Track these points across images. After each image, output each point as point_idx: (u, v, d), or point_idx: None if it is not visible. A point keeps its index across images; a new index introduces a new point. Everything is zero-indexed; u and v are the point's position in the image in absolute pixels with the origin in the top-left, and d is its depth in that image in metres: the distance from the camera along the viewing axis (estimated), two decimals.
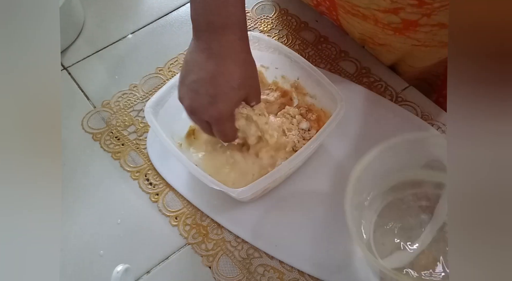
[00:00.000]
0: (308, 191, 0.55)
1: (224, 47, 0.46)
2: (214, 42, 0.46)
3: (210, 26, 0.46)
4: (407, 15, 0.52)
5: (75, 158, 0.60)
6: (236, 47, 0.46)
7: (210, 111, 0.46)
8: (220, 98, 0.45)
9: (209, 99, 0.45)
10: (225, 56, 0.46)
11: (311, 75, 0.55)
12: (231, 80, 0.46)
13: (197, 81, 0.46)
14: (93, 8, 0.75)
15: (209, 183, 0.49)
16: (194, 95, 0.46)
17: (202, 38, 0.46)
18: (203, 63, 0.46)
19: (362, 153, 0.56)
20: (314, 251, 0.51)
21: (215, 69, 0.45)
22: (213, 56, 0.46)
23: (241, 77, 0.46)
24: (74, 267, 0.52)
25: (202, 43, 0.46)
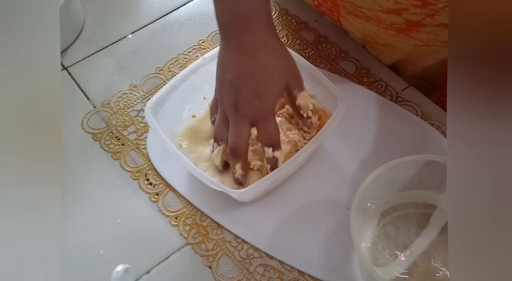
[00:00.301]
0: (308, 191, 0.55)
1: (255, 40, 0.46)
2: (244, 36, 0.46)
3: (237, 21, 0.46)
4: (410, 15, 0.52)
5: (75, 158, 0.60)
6: (267, 38, 0.46)
7: (256, 105, 0.45)
8: (263, 92, 0.45)
9: (252, 94, 0.45)
10: (258, 49, 0.46)
11: (311, 75, 0.55)
12: (269, 71, 0.45)
13: (236, 78, 0.46)
14: (93, 8, 0.75)
15: (209, 184, 0.49)
16: (237, 92, 0.46)
17: (231, 35, 0.46)
18: (237, 61, 0.46)
19: (362, 153, 0.57)
20: (314, 251, 0.51)
21: (250, 63, 0.45)
22: (246, 51, 0.45)
23: (278, 66, 0.46)
24: (74, 267, 0.52)
25: (232, 41, 0.46)
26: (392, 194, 0.50)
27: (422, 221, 0.50)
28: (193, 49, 0.69)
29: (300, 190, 0.55)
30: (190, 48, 0.69)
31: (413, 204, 0.51)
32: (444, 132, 0.58)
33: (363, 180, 0.46)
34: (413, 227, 0.50)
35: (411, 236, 0.49)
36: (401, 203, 0.51)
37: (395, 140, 0.57)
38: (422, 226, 0.50)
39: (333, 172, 0.56)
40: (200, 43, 0.69)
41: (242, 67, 0.46)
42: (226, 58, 0.47)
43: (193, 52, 0.69)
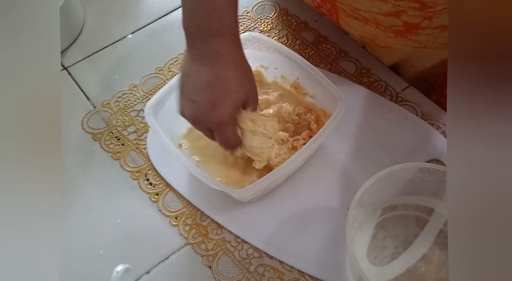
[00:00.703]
0: (308, 191, 0.55)
1: (218, 52, 0.45)
2: (207, 48, 0.45)
3: (202, 32, 0.45)
4: (408, 18, 0.52)
5: (75, 158, 0.60)
6: (230, 52, 0.46)
7: (211, 117, 0.45)
8: (219, 103, 0.45)
9: (208, 106, 0.45)
10: (220, 61, 0.45)
11: (311, 75, 0.55)
12: (228, 84, 0.45)
13: (194, 89, 0.46)
14: (93, 8, 0.75)
15: (209, 183, 0.49)
16: (193, 104, 0.46)
17: (195, 46, 0.46)
18: (198, 71, 0.46)
19: (362, 153, 0.57)
20: (314, 251, 0.51)
21: (210, 75, 0.45)
22: (207, 63, 0.45)
23: (238, 81, 0.46)
24: (74, 267, 0.52)
25: (195, 51, 0.46)
26: (391, 197, 0.51)
27: (421, 222, 0.50)
28: None
29: (300, 190, 0.55)
30: None
31: (412, 206, 0.51)
32: (444, 132, 0.58)
33: (363, 181, 0.46)
34: (412, 228, 0.50)
35: (410, 237, 0.50)
36: (401, 204, 0.51)
37: (395, 140, 0.57)
38: (421, 227, 0.50)
39: (333, 172, 0.56)
40: None
41: (202, 78, 0.45)
42: (188, 68, 0.47)
43: None
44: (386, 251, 0.49)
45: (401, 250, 0.49)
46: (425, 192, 0.49)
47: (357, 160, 0.57)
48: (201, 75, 0.45)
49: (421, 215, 0.51)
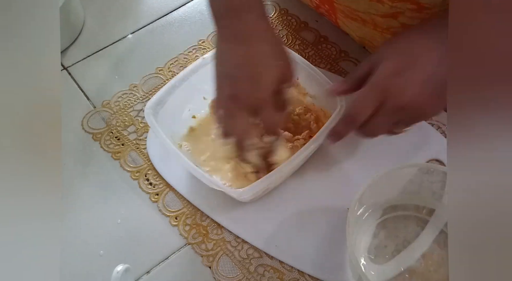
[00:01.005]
0: (308, 191, 0.55)
1: (249, 28, 0.45)
2: (237, 26, 0.45)
3: (230, 10, 0.45)
4: (406, 19, 0.52)
5: (75, 158, 0.60)
6: (260, 26, 0.46)
7: (255, 93, 0.44)
8: (261, 78, 0.44)
9: (250, 82, 0.44)
10: (252, 37, 0.45)
11: (311, 75, 0.55)
12: (265, 58, 0.45)
13: (233, 67, 0.45)
14: (93, 8, 0.75)
15: (209, 183, 0.49)
16: (233, 82, 0.45)
17: (224, 25, 0.46)
18: (233, 50, 0.45)
19: (361, 153, 0.57)
20: (314, 251, 0.51)
21: (246, 52, 0.44)
22: (241, 40, 0.45)
23: (273, 54, 0.45)
24: (74, 267, 0.52)
25: (226, 31, 0.46)
26: (391, 197, 0.51)
27: (421, 222, 0.50)
28: (193, 49, 0.69)
29: (300, 190, 0.55)
30: (190, 48, 0.69)
31: (412, 206, 0.51)
32: (444, 132, 0.58)
33: (363, 181, 0.46)
34: (412, 228, 0.50)
35: (410, 236, 0.50)
36: (401, 204, 0.51)
37: (394, 140, 0.57)
38: (421, 227, 0.50)
39: (332, 172, 0.56)
40: (200, 43, 0.69)
41: (237, 56, 0.45)
42: (221, 49, 0.46)
43: (193, 52, 0.69)
44: (387, 251, 0.49)
45: (401, 249, 0.49)
46: (425, 192, 0.49)
47: (357, 160, 0.57)
48: (237, 53, 0.45)
49: (421, 215, 0.51)
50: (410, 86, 0.41)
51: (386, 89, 0.41)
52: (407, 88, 0.41)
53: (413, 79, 0.40)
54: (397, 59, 0.41)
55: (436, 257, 0.48)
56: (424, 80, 0.40)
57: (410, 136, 0.57)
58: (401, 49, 0.42)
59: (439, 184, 0.48)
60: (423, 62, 0.40)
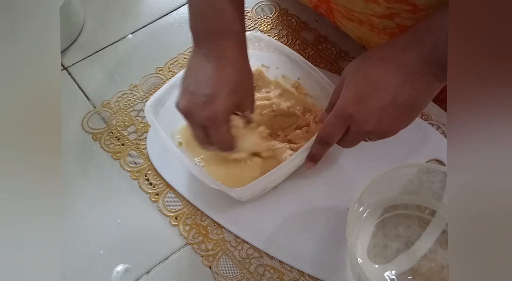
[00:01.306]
0: (308, 191, 0.55)
1: (224, 52, 0.46)
2: (213, 47, 0.46)
3: (210, 34, 0.46)
4: (402, 20, 0.52)
5: (75, 158, 0.60)
6: (235, 53, 0.47)
7: (206, 111, 0.45)
8: (216, 99, 0.45)
9: (204, 99, 0.45)
10: (224, 60, 0.46)
11: (311, 75, 0.55)
12: (228, 82, 0.45)
13: (194, 82, 0.46)
14: (93, 8, 0.75)
15: (208, 183, 0.49)
16: (191, 96, 0.46)
17: (202, 44, 0.47)
18: (201, 66, 0.46)
19: (362, 153, 0.57)
20: (314, 251, 0.51)
21: (213, 71, 0.45)
22: (212, 60, 0.46)
23: (238, 81, 0.46)
24: (74, 267, 0.52)
25: (202, 49, 0.47)
26: (391, 197, 0.51)
27: (422, 222, 0.50)
28: None
29: (300, 190, 0.55)
30: (190, 48, 0.69)
31: (412, 206, 0.51)
32: (444, 132, 0.58)
33: (363, 180, 0.46)
34: (413, 228, 0.50)
35: (411, 236, 0.50)
36: (401, 204, 0.51)
37: (394, 140, 0.57)
38: (422, 227, 0.50)
39: (333, 172, 0.56)
40: None
41: (204, 73, 0.46)
42: (193, 63, 0.47)
43: None
44: (387, 250, 0.49)
45: (402, 249, 0.49)
46: (425, 192, 0.49)
47: (357, 160, 0.57)
48: (204, 70, 0.46)
49: (422, 215, 0.51)
50: (370, 114, 0.43)
51: (349, 116, 0.44)
52: (368, 116, 0.43)
53: (373, 107, 0.43)
54: (357, 87, 0.44)
55: (438, 258, 0.48)
56: (383, 106, 0.43)
57: (410, 136, 0.57)
58: (361, 78, 0.44)
59: (439, 184, 0.48)
60: (382, 90, 0.42)
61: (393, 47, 0.43)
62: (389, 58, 0.43)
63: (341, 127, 0.45)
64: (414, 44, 0.42)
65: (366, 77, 0.43)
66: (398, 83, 0.42)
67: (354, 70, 0.45)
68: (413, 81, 0.42)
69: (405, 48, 0.42)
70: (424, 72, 0.42)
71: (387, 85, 0.42)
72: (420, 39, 0.42)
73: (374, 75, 0.43)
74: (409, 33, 0.43)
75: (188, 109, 0.46)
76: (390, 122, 0.44)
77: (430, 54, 0.41)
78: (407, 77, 0.42)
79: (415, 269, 0.47)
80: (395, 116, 0.43)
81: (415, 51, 0.41)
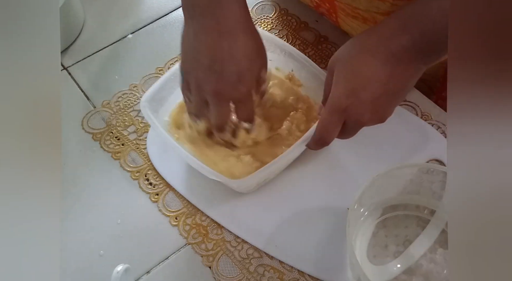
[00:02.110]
0: (308, 191, 0.55)
1: (232, 20, 0.45)
2: (221, 17, 0.45)
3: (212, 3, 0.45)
4: None
5: (75, 158, 0.60)
6: (243, 20, 0.46)
7: (240, 88, 0.45)
8: (245, 74, 0.45)
9: (235, 77, 0.45)
10: (236, 30, 0.45)
11: (312, 72, 0.55)
12: (249, 53, 0.45)
13: (215, 62, 0.45)
14: (93, 8, 0.75)
15: (207, 174, 0.48)
16: (218, 77, 0.45)
17: (205, 16, 0.45)
18: (214, 43, 0.45)
19: (362, 153, 0.57)
20: (314, 251, 0.51)
21: (229, 45, 0.45)
22: (224, 33, 0.45)
23: (255, 47, 0.46)
24: (74, 267, 0.52)
25: (206, 22, 0.45)
26: (391, 197, 0.51)
27: (422, 222, 0.50)
28: None
29: (300, 190, 0.55)
30: None
31: (412, 206, 0.51)
32: (444, 132, 0.58)
33: (363, 180, 0.46)
34: (413, 228, 0.50)
35: (411, 236, 0.50)
36: (401, 204, 0.51)
37: (395, 140, 0.57)
38: (422, 227, 0.50)
39: (333, 172, 0.56)
40: None
41: (221, 49, 0.44)
42: (200, 41, 0.46)
43: None
44: (387, 250, 0.49)
45: (402, 250, 0.49)
46: (425, 192, 0.49)
47: (357, 160, 0.57)
48: (221, 46, 0.45)
49: (422, 215, 0.51)
50: (364, 106, 0.44)
51: (344, 111, 0.44)
52: (363, 109, 0.44)
53: (366, 99, 0.43)
54: (347, 82, 0.44)
55: (438, 258, 0.48)
56: (376, 97, 0.43)
57: (410, 136, 0.58)
58: (350, 71, 0.44)
59: (439, 184, 0.48)
60: (373, 82, 0.43)
61: (379, 36, 0.43)
62: (376, 48, 0.43)
63: (337, 123, 0.45)
64: (400, 32, 0.42)
65: (355, 70, 0.44)
66: (387, 73, 0.42)
67: (342, 63, 0.45)
68: (401, 68, 0.42)
69: (391, 37, 0.42)
70: (411, 58, 0.42)
71: (377, 76, 0.43)
72: (405, 28, 0.42)
73: (363, 68, 0.43)
74: (394, 19, 0.43)
75: (219, 90, 0.45)
76: (384, 108, 0.45)
77: (415, 43, 0.41)
78: (395, 66, 0.42)
79: (414, 269, 0.47)
80: (387, 102, 0.44)
81: (400, 40, 0.42)
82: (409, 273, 0.47)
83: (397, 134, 0.58)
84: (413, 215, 0.51)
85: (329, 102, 0.45)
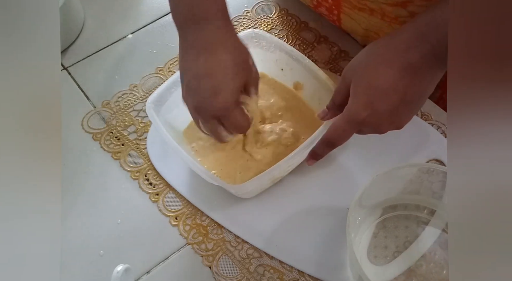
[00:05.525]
0: (308, 191, 0.55)
1: (210, 38, 0.45)
2: (199, 36, 0.45)
3: (192, 20, 0.46)
4: (415, 8, 0.52)
5: (75, 158, 0.60)
6: (222, 35, 0.46)
7: (215, 103, 0.45)
8: (221, 88, 0.45)
9: (210, 93, 0.45)
10: (214, 47, 0.45)
11: (312, 72, 0.55)
12: (226, 68, 0.45)
13: (194, 78, 0.45)
14: (93, 8, 0.75)
15: (208, 179, 0.49)
16: (195, 93, 0.46)
17: (187, 35, 0.46)
18: (195, 60, 0.46)
19: (362, 153, 0.57)
20: (314, 251, 0.51)
21: (207, 62, 0.45)
22: (203, 50, 0.45)
23: (235, 63, 0.46)
24: (74, 267, 0.52)
25: (189, 41, 0.46)
26: (391, 197, 0.51)
27: (422, 222, 0.50)
28: None
29: (300, 190, 0.55)
30: None
31: (412, 206, 0.51)
32: (444, 132, 0.58)
33: (363, 181, 0.46)
34: (413, 228, 0.50)
35: (411, 236, 0.50)
36: (401, 204, 0.51)
37: (395, 140, 0.57)
38: (422, 227, 0.50)
39: (333, 172, 0.56)
40: None
41: (199, 66, 0.45)
42: (185, 59, 0.47)
43: None
44: (387, 250, 0.49)
45: (402, 250, 0.49)
46: (425, 192, 0.49)
47: (357, 160, 0.57)
48: (199, 63, 0.45)
49: (422, 215, 0.51)
50: (382, 117, 0.44)
51: (361, 122, 0.44)
52: (381, 120, 0.44)
53: (384, 110, 0.43)
54: (366, 93, 0.44)
55: (437, 258, 0.48)
56: (394, 107, 0.43)
57: (410, 136, 0.58)
58: (368, 83, 0.44)
59: (439, 184, 0.48)
60: (391, 93, 0.43)
61: (396, 45, 0.43)
62: (393, 59, 0.43)
63: (352, 131, 0.45)
64: (418, 42, 0.42)
65: (372, 82, 0.43)
66: (405, 83, 0.42)
67: (359, 75, 0.44)
68: (419, 78, 0.42)
69: (409, 47, 0.42)
70: (428, 66, 0.42)
71: (395, 87, 0.42)
72: (423, 37, 0.41)
73: (381, 80, 0.43)
74: (412, 28, 0.43)
75: (197, 106, 0.46)
76: (401, 118, 0.45)
77: (433, 49, 0.41)
78: (413, 75, 0.42)
79: (414, 270, 0.47)
80: (405, 111, 0.44)
81: (419, 49, 0.41)
82: (409, 273, 0.47)
83: (397, 134, 0.58)
84: (413, 215, 0.51)
85: (347, 113, 0.45)
